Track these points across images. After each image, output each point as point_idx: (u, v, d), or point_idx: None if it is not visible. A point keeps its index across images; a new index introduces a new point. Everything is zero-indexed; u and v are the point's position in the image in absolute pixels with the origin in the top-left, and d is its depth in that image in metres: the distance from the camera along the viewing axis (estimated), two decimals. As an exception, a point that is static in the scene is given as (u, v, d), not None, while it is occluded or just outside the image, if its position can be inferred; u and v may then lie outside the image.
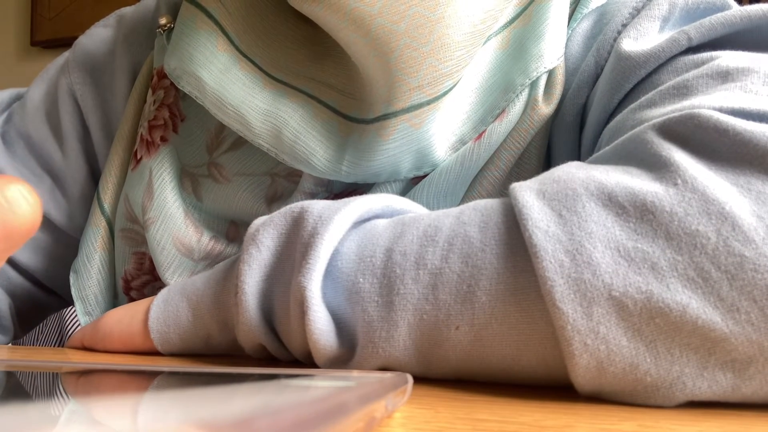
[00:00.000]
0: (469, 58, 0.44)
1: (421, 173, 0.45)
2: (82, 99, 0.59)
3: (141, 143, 0.53)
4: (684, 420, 0.27)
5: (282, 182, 0.50)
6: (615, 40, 0.45)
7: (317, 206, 0.37)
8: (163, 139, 0.52)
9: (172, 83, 0.53)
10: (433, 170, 0.45)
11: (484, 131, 0.45)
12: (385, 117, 0.44)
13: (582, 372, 0.29)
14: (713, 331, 0.28)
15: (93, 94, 0.59)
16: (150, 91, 0.54)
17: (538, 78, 0.45)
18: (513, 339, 0.31)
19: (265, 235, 0.38)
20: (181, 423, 0.15)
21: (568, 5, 0.48)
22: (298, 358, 0.38)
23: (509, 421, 0.26)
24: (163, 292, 0.43)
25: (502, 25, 0.47)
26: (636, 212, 0.29)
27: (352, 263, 0.35)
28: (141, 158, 0.53)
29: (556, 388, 0.32)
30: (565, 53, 0.47)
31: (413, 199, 0.45)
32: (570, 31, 0.48)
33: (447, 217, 0.34)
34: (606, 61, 0.45)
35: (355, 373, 0.32)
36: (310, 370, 0.34)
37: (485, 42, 0.46)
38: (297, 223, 0.37)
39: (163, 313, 0.42)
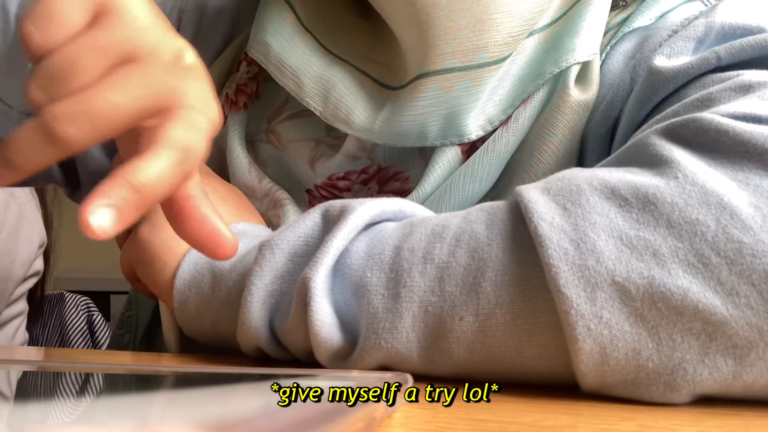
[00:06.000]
0: (511, 38, 0.47)
1: (447, 143, 0.47)
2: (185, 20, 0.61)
3: (226, 101, 0.57)
4: (684, 420, 0.27)
5: (323, 148, 0.53)
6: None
7: (334, 209, 0.38)
8: (245, 105, 0.57)
9: None
10: (460, 142, 0.47)
11: (510, 117, 0.47)
12: (419, 77, 0.47)
13: (585, 359, 0.30)
14: (714, 315, 0.29)
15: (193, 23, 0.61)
16: (245, 57, 0.57)
17: (569, 68, 0.47)
18: (516, 328, 0.32)
19: (282, 237, 0.38)
20: (181, 423, 0.15)
21: (609, 7, 0.50)
22: (298, 357, 0.38)
23: (509, 421, 0.26)
24: (189, 267, 0.42)
25: (546, 23, 0.49)
26: (638, 203, 0.31)
27: (361, 260, 0.36)
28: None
29: (556, 388, 0.32)
30: (603, 69, 0.49)
31: (453, 184, 0.47)
32: (609, 48, 0.49)
33: (454, 217, 0.36)
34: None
35: (355, 373, 0.32)
36: (311, 370, 0.34)
37: (528, 36, 0.49)
38: (314, 225, 0.38)
39: (188, 287, 0.42)
